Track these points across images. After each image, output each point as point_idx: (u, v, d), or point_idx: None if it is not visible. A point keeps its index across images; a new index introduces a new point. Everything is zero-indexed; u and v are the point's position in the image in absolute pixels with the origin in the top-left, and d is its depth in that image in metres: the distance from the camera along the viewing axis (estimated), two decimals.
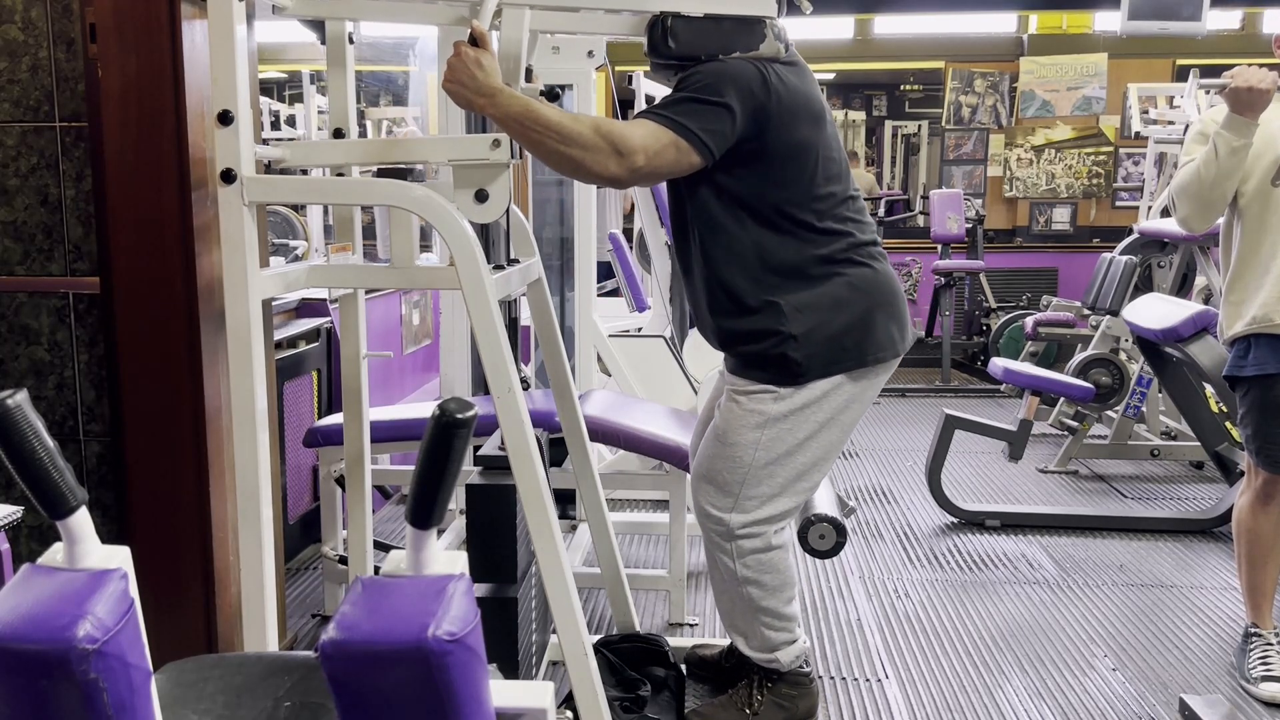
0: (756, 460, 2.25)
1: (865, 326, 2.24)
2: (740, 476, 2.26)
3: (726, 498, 2.29)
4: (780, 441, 2.24)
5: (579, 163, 2.02)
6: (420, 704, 0.93)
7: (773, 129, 2.13)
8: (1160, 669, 2.96)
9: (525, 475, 1.90)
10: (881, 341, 2.26)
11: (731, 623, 2.39)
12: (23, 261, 2.34)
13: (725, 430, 2.29)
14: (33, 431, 0.93)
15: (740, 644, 2.39)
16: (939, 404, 6.22)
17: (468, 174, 1.90)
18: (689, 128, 2.07)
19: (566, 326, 4.14)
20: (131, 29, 2.11)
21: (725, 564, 2.31)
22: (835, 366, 2.23)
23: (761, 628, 2.34)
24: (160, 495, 2.24)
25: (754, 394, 2.25)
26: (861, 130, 11.43)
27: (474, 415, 1.00)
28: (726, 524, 2.29)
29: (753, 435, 2.24)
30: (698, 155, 2.09)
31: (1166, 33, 5.33)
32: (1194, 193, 2.72)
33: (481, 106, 1.95)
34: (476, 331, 1.87)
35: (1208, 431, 4.30)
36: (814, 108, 2.22)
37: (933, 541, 4.06)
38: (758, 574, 2.30)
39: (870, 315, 2.25)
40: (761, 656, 2.37)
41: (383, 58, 7.49)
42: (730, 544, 2.29)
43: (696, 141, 2.07)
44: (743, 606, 2.33)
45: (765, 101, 2.11)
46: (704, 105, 2.08)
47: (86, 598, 0.89)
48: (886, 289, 2.28)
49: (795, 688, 2.39)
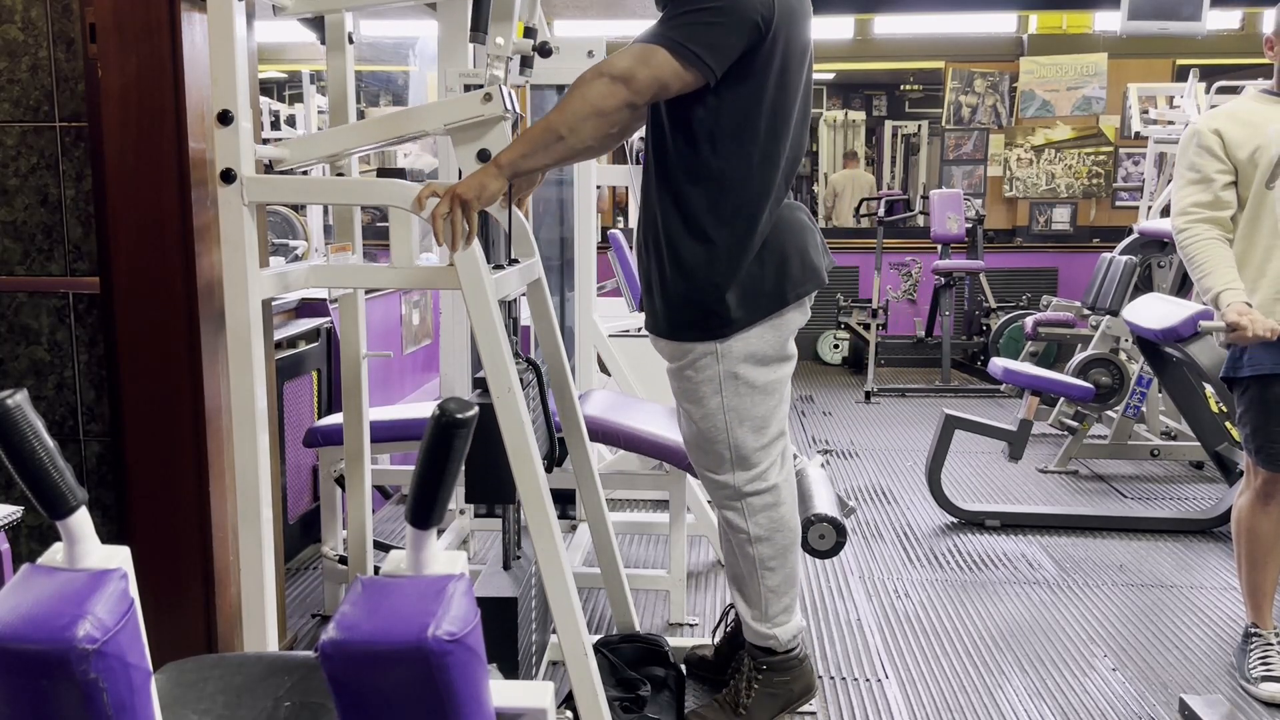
0: (730, 421, 2.28)
1: (781, 269, 2.26)
2: (724, 439, 2.30)
3: (723, 462, 2.32)
4: (742, 396, 2.27)
5: (592, 110, 2.01)
6: (420, 704, 0.93)
7: (765, 48, 2.12)
8: (1160, 669, 2.97)
9: (525, 476, 1.90)
10: (797, 279, 2.28)
11: (739, 588, 2.41)
12: (23, 261, 2.34)
13: (689, 406, 2.33)
14: (33, 431, 0.93)
15: (744, 615, 2.40)
16: (939, 404, 6.23)
17: (466, 135, 1.90)
18: (684, 44, 2.05)
19: (566, 326, 4.14)
20: (131, 29, 2.11)
21: (737, 524, 2.34)
22: (758, 312, 2.25)
23: (766, 591, 2.36)
24: (160, 495, 2.24)
25: (696, 361, 2.27)
26: (861, 130, 11.43)
27: (474, 415, 1.00)
28: (732, 485, 2.32)
29: (714, 401, 2.28)
30: (697, 70, 2.07)
31: (1166, 33, 5.33)
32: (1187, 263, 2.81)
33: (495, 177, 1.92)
34: (476, 331, 1.88)
35: (1208, 431, 4.30)
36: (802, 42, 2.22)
37: (933, 541, 4.06)
38: (769, 531, 2.33)
39: (784, 256, 2.26)
40: (761, 631, 2.37)
41: (383, 58, 7.50)
42: (740, 503, 2.33)
43: (691, 57, 2.05)
44: (750, 568, 2.36)
45: (769, 13, 2.09)
46: (703, 21, 2.06)
47: (86, 598, 0.89)
48: (796, 226, 2.30)
49: (787, 672, 2.40)
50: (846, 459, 5.30)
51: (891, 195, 8.58)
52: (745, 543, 2.35)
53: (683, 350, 2.29)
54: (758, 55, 2.12)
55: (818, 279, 2.33)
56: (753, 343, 2.26)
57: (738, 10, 2.07)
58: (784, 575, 2.37)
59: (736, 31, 2.07)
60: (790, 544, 2.37)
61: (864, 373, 7.25)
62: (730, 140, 2.18)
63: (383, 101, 7.94)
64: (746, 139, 2.18)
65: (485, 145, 1.90)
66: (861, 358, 7.61)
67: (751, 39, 2.10)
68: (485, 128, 1.89)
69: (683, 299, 2.25)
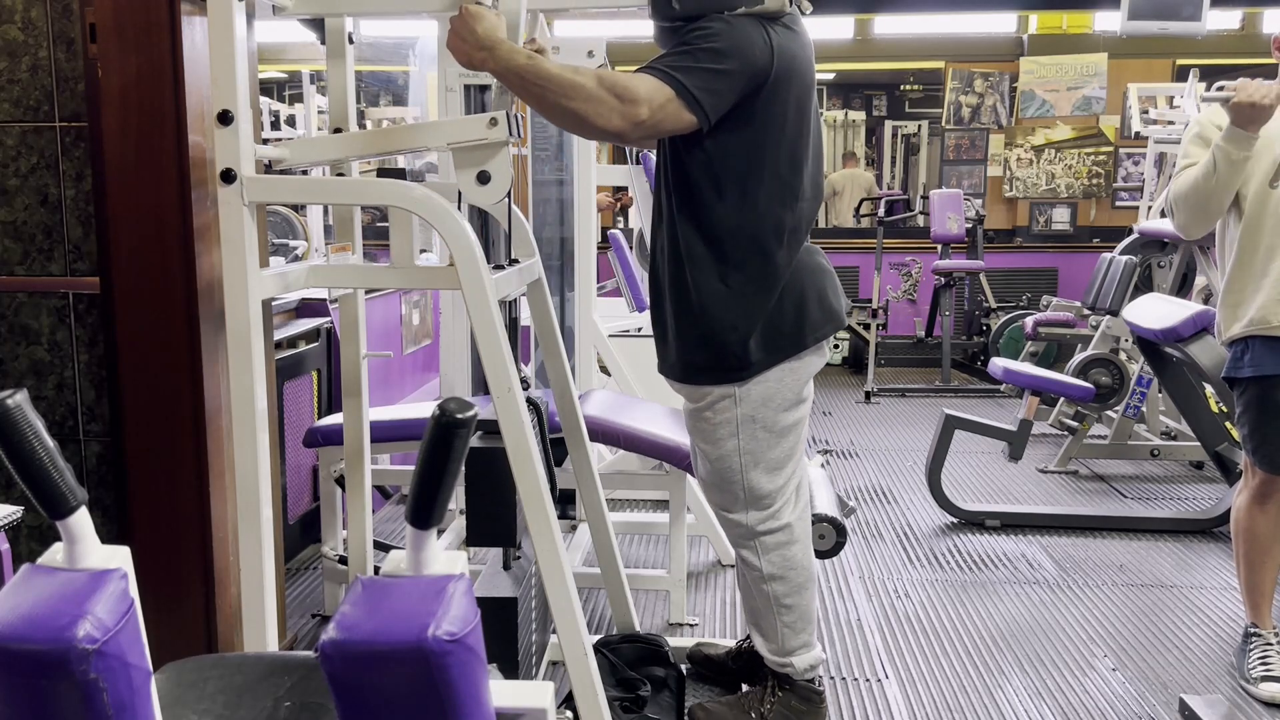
0: (745, 463, 2.27)
1: (800, 312, 2.25)
2: (739, 480, 2.29)
3: (736, 501, 2.32)
4: (759, 439, 2.26)
5: (582, 116, 2.00)
6: (420, 704, 0.93)
7: (766, 94, 2.12)
8: (1160, 669, 2.97)
9: (525, 476, 1.90)
10: (816, 322, 2.27)
11: (755, 622, 2.40)
12: (23, 261, 2.34)
13: (705, 446, 2.32)
14: (33, 431, 0.93)
15: (760, 645, 2.39)
16: (939, 404, 6.22)
17: (468, 156, 1.89)
18: (688, 87, 2.04)
19: (566, 326, 4.14)
20: (131, 29, 2.11)
21: (752, 561, 2.34)
22: (778, 355, 2.23)
23: (783, 627, 2.35)
24: (160, 495, 2.24)
25: (714, 404, 2.26)
26: (861, 130, 11.44)
27: (474, 415, 1.00)
28: (745, 525, 2.32)
29: (731, 444, 2.27)
30: (694, 115, 2.07)
31: (1166, 33, 5.32)
32: (1193, 202, 2.73)
33: (482, 61, 1.94)
34: (476, 331, 1.87)
35: (1208, 431, 4.30)
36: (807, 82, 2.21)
37: (933, 541, 4.06)
38: (783, 570, 2.32)
39: (803, 299, 2.25)
40: (777, 660, 2.37)
41: (383, 58, 7.50)
42: (754, 541, 2.32)
43: (692, 101, 2.05)
44: (765, 605, 2.35)
45: (766, 65, 2.09)
46: (705, 65, 2.06)
47: (86, 598, 0.89)
48: (815, 269, 2.30)
49: (805, 703, 2.38)
50: (846, 459, 5.30)
51: (891, 195, 8.58)
52: (759, 580, 2.34)
53: (700, 394, 2.28)
54: (758, 100, 2.12)
55: (837, 321, 2.31)
56: (771, 386, 2.24)
57: (741, 58, 2.06)
58: (800, 613, 2.35)
59: (737, 80, 2.07)
60: (804, 582, 2.35)
61: (864, 373, 7.25)
62: (736, 183, 2.17)
63: (383, 101, 7.94)
64: (753, 182, 2.17)
65: (487, 168, 1.90)
66: (861, 358, 7.61)
67: (750, 87, 2.09)
68: (489, 151, 1.89)
69: (699, 342, 2.24)
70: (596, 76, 2.02)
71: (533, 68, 1.95)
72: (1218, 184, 2.66)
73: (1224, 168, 2.64)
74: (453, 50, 1.96)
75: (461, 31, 1.93)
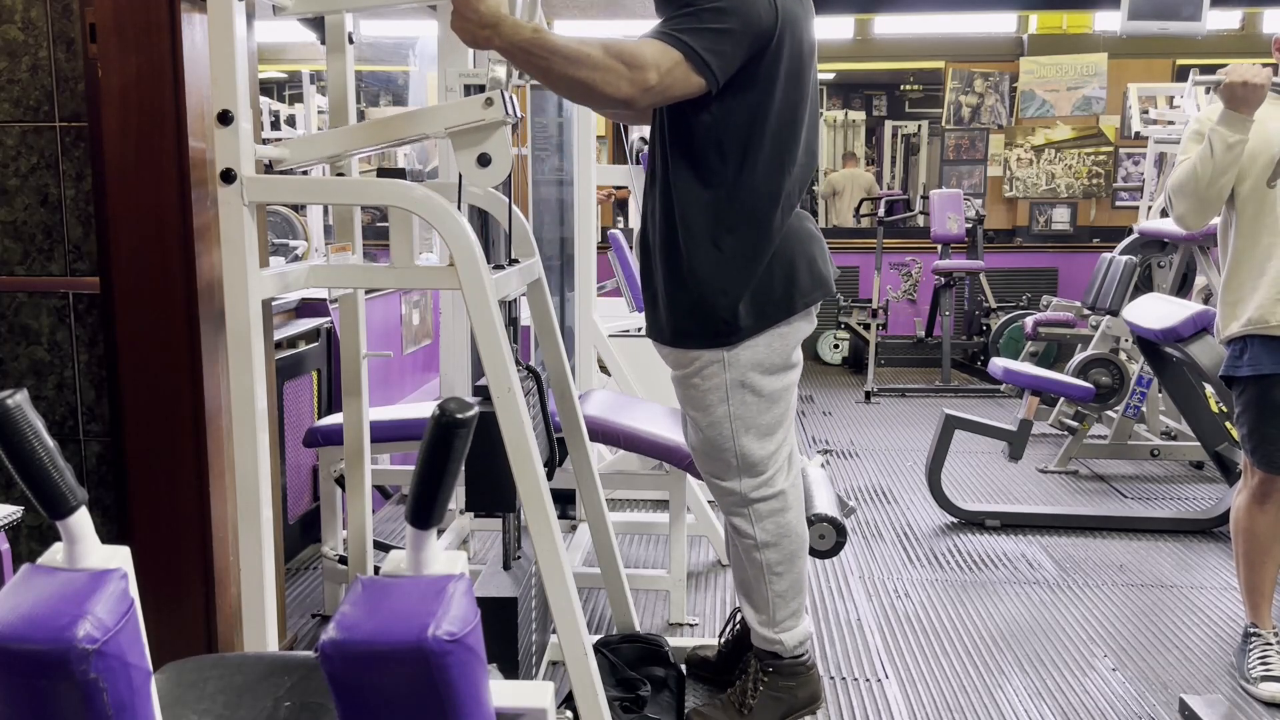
0: (736, 429, 2.27)
1: (789, 277, 2.25)
2: (730, 446, 2.29)
3: (729, 469, 2.31)
4: (749, 405, 2.26)
5: (590, 85, 1.98)
6: (420, 704, 0.93)
7: (770, 56, 2.11)
8: (1160, 669, 2.97)
9: (525, 476, 1.90)
10: (805, 288, 2.27)
11: (745, 594, 2.40)
12: (23, 261, 2.34)
13: (695, 414, 2.32)
14: (33, 431, 0.93)
15: (750, 618, 2.39)
16: (939, 404, 6.23)
17: (467, 139, 1.89)
18: (695, 49, 2.02)
19: (566, 326, 4.14)
20: (131, 29, 2.11)
21: (744, 529, 2.34)
22: (766, 320, 2.24)
23: (774, 596, 2.35)
24: (160, 495, 2.24)
25: (702, 370, 2.26)
26: (861, 130, 11.44)
27: (474, 415, 1.00)
28: (739, 492, 2.32)
29: (721, 410, 2.27)
30: (703, 78, 2.05)
31: (1166, 33, 5.33)
32: (1190, 190, 2.73)
33: (487, 39, 1.92)
34: (476, 331, 1.87)
35: (1208, 431, 4.30)
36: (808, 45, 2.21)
37: (933, 541, 4.06)
38: (776, 537, 2.33)
39: (793, 265, 2.25)
40: (767, 635, 2.37)
41: (383, 58, 7.49)
42: (747, 509, 2.32)
43: (700, 63, 2.03)
44: (757, 574, 2.35)
45: (771, 24, 2.08)
46: (710, 25, 2.04)
47: (86, 598, 0.89)
48: (805, 235, 2.30)
49: (793, 678, 2.39)
50: (846, 459, 5.30)
51: (891, 195, 8.58)
52: (752, 548, 2.34)
53: (689, 358, 2.28)
54: (762, 62, 2.11)
55: (826, 288, 2.32)
56: (760, 351, 2.24)
57: (745, 18, 2.05)
58: (791, 581, 2.36)
59: (742, 40, 2.06)
60: (797, 550, 2.36)
61: (864, 373, 7.25)
62: (737, 147, 2.16)
63: (383, 101, 7.93)
64: (754, 146, 2.17)
65: (486, 150, 1.89)
66: (861, 358, 7.61)
67: (755, 48, 2.09)
68: (486, 132, 1.89)
69: (690, 306, 2.24)
70: (603, 45, 1.99)
71: (539, 40, 1.93)
72: (1215, 169, 2.67)
73: (1220, 151, 2.65)
74: (456, 31, 1.94)
75: (464, 11, 1.91)
